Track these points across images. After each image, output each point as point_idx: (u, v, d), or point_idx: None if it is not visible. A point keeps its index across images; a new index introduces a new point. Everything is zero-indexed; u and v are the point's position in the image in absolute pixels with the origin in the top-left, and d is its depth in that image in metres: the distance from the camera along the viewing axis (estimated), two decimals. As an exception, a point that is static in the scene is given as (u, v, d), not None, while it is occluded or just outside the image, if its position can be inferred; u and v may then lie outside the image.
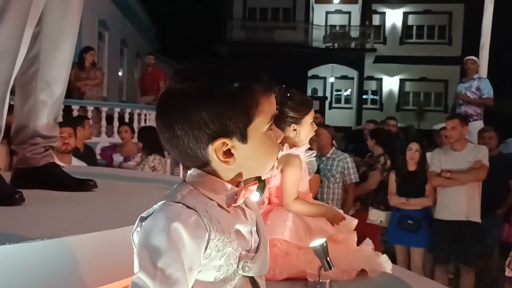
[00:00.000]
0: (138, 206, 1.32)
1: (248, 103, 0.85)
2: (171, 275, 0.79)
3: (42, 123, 1.91)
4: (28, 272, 1.06)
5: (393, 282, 1.86)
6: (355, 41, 20.47)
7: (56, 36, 1.86)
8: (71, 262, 1.14)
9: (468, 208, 4.24)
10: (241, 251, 0.88)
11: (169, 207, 0.83)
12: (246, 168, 0.90)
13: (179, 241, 0.80)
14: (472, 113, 6.29)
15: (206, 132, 0.84)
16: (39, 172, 1.89)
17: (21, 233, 1.14)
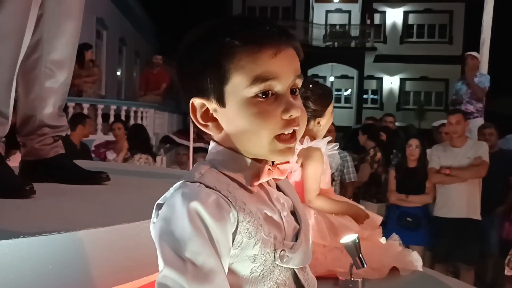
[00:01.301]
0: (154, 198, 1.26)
1: (222, 58, 0.74)
2: (204, 264, 0.67)
3: (49, 112, 1.81)
4: (43, 267, 0.99)
5: (429, 281, 1.78)
6: (355, 40, 20.44)
7: (59, 19, 1.76)
8: (88, 257, 1.06)
9: (468, 206, 4.17)
10: (275, 238, 0.76)
11: (185, 188, 0.73)
12: (240, 142, 0.77)
13: (202, 224, 0.69)
14: (472, 110, 6.21)
15: (188, 91, 0.78)
16: (48, 164, 1.80)
17: (34, 226, 1.07)
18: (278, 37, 0.75)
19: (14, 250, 0.94)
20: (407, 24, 21.57)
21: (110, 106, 8.01)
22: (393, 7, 21.45)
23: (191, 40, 0.79)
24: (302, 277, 0.80)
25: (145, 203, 1.40)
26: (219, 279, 0.69)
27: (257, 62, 0.73)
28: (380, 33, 21.16)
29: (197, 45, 0.77)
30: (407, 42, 21.37)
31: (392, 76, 21.46)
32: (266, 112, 0.74)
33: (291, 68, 0.77)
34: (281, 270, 0.77)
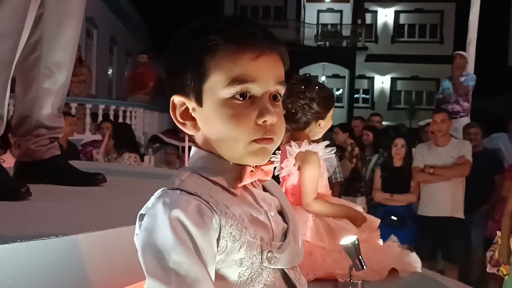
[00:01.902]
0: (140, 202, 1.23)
1: (203, 56, 0.73)
2: (188, 274, 0.66)
3: (46, 113, 1.79)
4: (41, 271, 0.98)
5: (428, 283, 1.79)
6: (346, 40, 20.50)
7: (60, 19, 1.73)
8: (86, 261, 1.05)
9: (452, 204, 4.20)
10: (261, 240, 0.74)
11: (166, 196, 0.72)
12: (216, 144, 0.76)
13: (185, 233, 0.68)
14: (459, 109, 6.26)
15: (170, 89, 0.78)
16: (44, 165, 1.77)
17: (32, 230, 1.05)
18: (263, 40, 0.74)
19: (11, 255, 0.93)
20: (398, 23, 21.66)
21: (99, 106, 7.98)
22: (384, 7, 21.54)
23: (178, 38, 0.79)
24: (293, 276, 0.79)
25: (143, 206, 1.44)
26: (204, 287, 0.67)
27: (237, 62, 0.72)
28: (371, 32, 21.23)
29: (183, 42, 0.77)
30: (398, 42, 21.46)
31: (383, 75, 21.54)
32: (240, 114, 0.73)
33: (272, 74, 0.75)
34: (270, 272, 0.75)
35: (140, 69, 8.61)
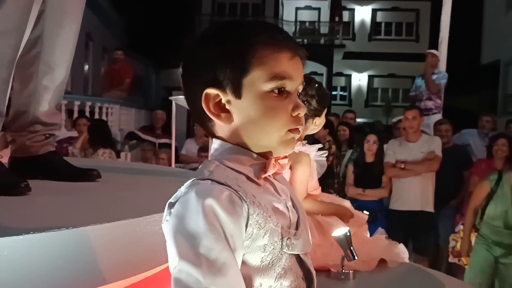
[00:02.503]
0: (148, 196, 1.34)
1: (244, 52, 0.78)
2: (217, 259, 0.71)
3: (43, 109, 1.79)
4: (53, 262, 1.01)
5: (415, 272, 1.86)
6: (324, 37, 20.62)
7: (60, 17, 1.74)
8: (95, 251, 1.08)
9: (422, 198, 4.32)
10: (281, 227, 0.80)
11: (197, 186, 0.76)
12: (250, 134, 0.81)
13: (216, 220, 0.72)
14: (431, 106, 6.40)
15: (200, 81, 0.81)
16: (38, 161, 1.78)
17: (41, 222, 1.07)
18: (294, 44, 0.83)
19: (25, 246, 0.95)
20: (375, 22, 21.90)
21: (74, 102, 7.89)
22: (362, 5, 21.75)
23: (207, 34, 0.83)
24: (307, 261, 0.85)
25: (140, 200, 1.47)
26: (232, 272, 0.72)
27: (278, 60, 0.79)
28: (349, 30, 21.42)
29: (215, 38, 0.82)
30: (375, 40, 21.70)
31: (361, 73, 21.78)
32: (278, 107, 0.80)
33: (300, 73, 0.83)
34: (287, 257, 0.81)
35: (116, 65, 8.55)
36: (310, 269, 0.86)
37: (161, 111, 7.38)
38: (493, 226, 3.67)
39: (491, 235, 3.67)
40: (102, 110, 8.26)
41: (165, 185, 1.84)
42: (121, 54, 8.57)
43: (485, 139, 5.47)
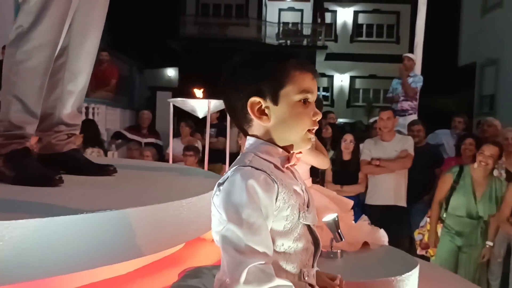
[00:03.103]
0: (162, 187, 1.69)
1: (280, 72, 1.08)
2: (255, 222, 0.98)
3: (67, 112, 1.99)
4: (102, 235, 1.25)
5: (393, 253, 2.12)
6: (307, 39, 20.87)
7: (84, 30, 1.94)
8: (130, 229, 1.32)
9: (395, 194, 4.60)
10: (299, 204, 1.08)
11: (242, 170, 1.03)
12: (281, 131, 1.10)
13: (255, 195, 0.99)
14: (407, 108, 6.71)
15: (245, 91, 1.08)
16: (62, 158, 1.97)
17: (83, 207, 1.27)
18: (314, 69, 1.14)
19: (79, 224, 1.19)
20: (357, 23, 22.25)
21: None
22: (344, 7, 22.10)
23: (249, 58, 1.14)
24: (315, 231, 1.14)
25: (158, 190, 1.75)
26: (264, 233, 1.01)
27: (304, 80, 1.09)
28: (331, 32, 21.72)
29: (258, 61, 1.12)
30: (357, 41, 22.06)
31: (343, 74, 22.12)
32: (303, 113, 1.09)
33: (316, 89, 1.13)
34: (302, 226, 1.09)
35: (101, 66, 8.67)
36: (317, 237, 1.15)
37: (147, 111, 7.55)
38: (456, 217, 3.97)
39: (455, 226, 3.97)
40: (88, 110, 8.39)
41: (172, 178, 2.12)
42: (106, 55, 8.69)
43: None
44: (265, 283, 0.97)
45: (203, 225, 1.67)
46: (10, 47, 1.76)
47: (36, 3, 1.71)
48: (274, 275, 0.99)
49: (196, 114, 2.85)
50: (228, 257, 0.99)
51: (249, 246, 0.97)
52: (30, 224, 1.10)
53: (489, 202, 3.91)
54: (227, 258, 1.00)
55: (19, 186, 1.61)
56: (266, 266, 0.98)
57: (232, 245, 0.98)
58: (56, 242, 1.15)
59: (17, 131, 1.77)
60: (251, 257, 0.97)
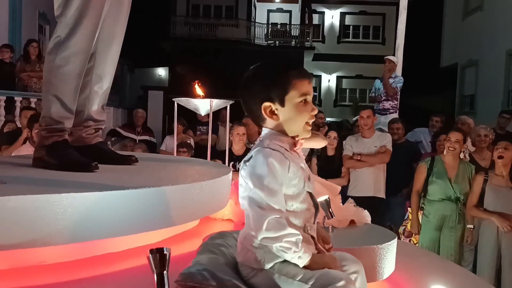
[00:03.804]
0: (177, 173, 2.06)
1: (285, 80, 1.40)
2: (273, 188, 1.34)
3: (94, 109, 2.27)
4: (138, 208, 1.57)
5: (375, 229, 2.45)
6: (295, 39, 21.17)
7: (109, 38, 2.21)
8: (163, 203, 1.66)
9: (375, 186, 4.98)
10: (304, 176, 1.42)
11: (263, 151, 1.38)
12: (288, 125, 1.43)
13: (274, 168, 1.34)
14: (388, 107, 7.08)
15: (259, 98, 1.42)
16: (91, 149, 2.23)
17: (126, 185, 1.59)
18: (310, 74, 1.45)
19: (125, 197, 1.53)
20: (344, 25, 22.60)
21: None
22: (331, 8, 22.45)
23: (262, 70, 1.45)
24: (315, 198, 1.47)
25: (175, 175, 2.11)
26: (280, 195, 1.36)
27: (303, 85, 1.41)
28: (318, 33, 22.05)
29: (267, 73, 1.43)
30: (344, 42, 22.42)
31: (330, 74, 22.46)
32: (304, 110, 1.42)
33: (312, 90, 1.46)
34: (306, 192, 1.43)
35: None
36: (317, 202, 1.49)
37: (142, 110, 7.80)
38: (436, 201, 4.34)
39: (434, 211, 4.33)
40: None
41: (186, 166, 2.49)
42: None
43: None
44: (280, 231, 1.32)
45: (217, 203, 2.03)
46: (50, 54, 2.04)
47: (72, 16, 2.00)
48: (287, 225, 1.34)
49: (198, 112, 3.16)
50: (253, 213, 1.34)
51: (269, 204, 1.32)
52: (90, 196, 1.43)
53: (463, 182, 4.30)
54: (252, 214, 1.35)
55: (63, 172, 1.86)
56: (281, 219, 1.33)
57: (256, 204, 1.33)
58: (108, 211, 1.47)
59: (57, 126, 2.05)
60: (270, 212, 1.32)
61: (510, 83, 12.03)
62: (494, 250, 3.94)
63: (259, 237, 1.33)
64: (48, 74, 2.06)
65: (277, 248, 1.33)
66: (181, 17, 20.31)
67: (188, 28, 20.09)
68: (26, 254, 1.48)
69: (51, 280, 1.42)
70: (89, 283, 1.43)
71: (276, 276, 1.35)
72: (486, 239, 4.01)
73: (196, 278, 1.34)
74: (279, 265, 1.36)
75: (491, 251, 3.96)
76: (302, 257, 1.35)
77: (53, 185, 1.54)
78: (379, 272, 1.95)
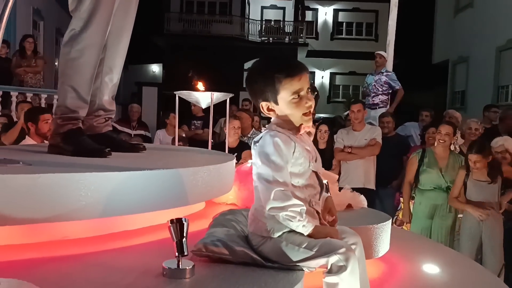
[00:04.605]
0: (191, 158, 2.21)
1: (276, 83, 1.53)
2: (278, 164, 1.48)
3: (105, 99, 2.38)
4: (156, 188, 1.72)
5: (371, 212, 2.60)
6: (289, 36, 21.30)
7: (119, 32, 2.31)
8: (178, 184, 1.82)
9: (365, 177, 5.14)
10: (309, 156, 1.56)
11: (271, 132, 1.53)
12: (287, 118, 1.56)
13: (279, 147, 1.48)
14: (378, 102, 7.25)
15: (257, 97, 1.58)
16: (102, 137, 2.33)
17: (141, 167, 1.73)
18: (304, 69, 1.56)
19: (144, 178, 1.68)
20: (337, 21, 22.73)
21: (53, 96, 8.30)
22: (324, 5, 22.58)
23: (256, 73, 1.58)
24: (320, 176, 1.62)
25: (188, 160, 2.25)
26: (285, 171, 1.50)
27: (293, 84, 1.52)
28: (312, 29, 22.18)
29: (260, 77, 1.55)
30: (337, 39, 22.55)
31: (323, 70, 22.60)
32: (298, 104, 1.53)
33: (307, 83, 1.56)
34: (311, 171, 1.56)
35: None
36: (321, 180, 1.63)
37: (137, 105, 7.91)
38: (427, 191, 4.52)
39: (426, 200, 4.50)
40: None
41: (193, 154, 2.66)
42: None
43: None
44: (286, 201, 1.47)
45: (224, 186, 2.18)
46: (66, 47, 2.13)
47: (85, 11, 2.10)
48: (292, 196, 1.48)
49: (199, 105, 3.28)
50: (262, 186, 1.50)
51: (275, 178, 1.47)
52: (111, 176, 1.58)
53: (453, 171, 4.48)
54: (261, 187, 1.51)
55: (78, 158, 1.99)
56: (286, 191, 1.48)
57: (264, 178, 1.49)
58: (127, 190, 1.62)
59: (72, 114, 2.16)
60: (276, 185, 1.47)
61: (500, 79, 12.23)
62: (476, 237, 4.11)
63: (267, 207, 1.48)
64: (64, 66, 2.17)
65: (283, 217, 1.48)
66: (175, 13, 20.37)
67: (182, 24, 20.15)
68: (51, 229, 1.63)
69: (74, 252, 1.57)
70: (108, 255, 1.57)
71: (283, 244, 1.49)
72: (468, 227, 4.18)
73: (210, 248, 1.50)
74: (286, 234, 1.51)
75: (472, 238, 4.13)
76: (306, 226, 1.49)
77: (73, 167, 1.67)
78: (375, 250, 2.09)
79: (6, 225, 1.41)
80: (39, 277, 1.25)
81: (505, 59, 12.01)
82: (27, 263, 1.43)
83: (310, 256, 1.46)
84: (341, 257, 1.41)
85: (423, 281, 2.18)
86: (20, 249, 1.55)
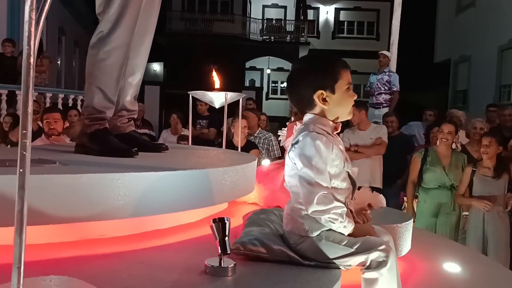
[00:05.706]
0: (207, 160, 2.21)
1: (335, 71, 1.60)
2: (320, 167, 1.52)
3: (128, 100, 2.39)
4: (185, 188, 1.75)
5: (392, 211, 2.63)
6: (290, 35, 21.33)
7: (143, 33, 2.32)
8: (206, 184, 1.85)
9: (371, 176, 5.16)
10: (344, 157, 1.60)
11: (310, 134, 1.55)
12: (336, 109, 1.61)
13: (320, 150, 1.51)
14: (382, 101, 7.29)
15: (313, 86, 1.61)
16: (125, 137, 2.33)
17: (171, 167, 1.76)
18: (349, 65, 1.65)
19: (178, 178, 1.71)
20: (338, 20, 22.78)
21: (58, 95, 8.34)
22: (325, 4, 22.61)
23: (312, 60, 1.73)
24: (353, 177, 1.66)
25: (212, 161, 2.29)
26: (326, 174, 1.53)
27: (348, 74, 1.61)
28: (313, 28, 22.21)
29: (319, 64, 1.63)
30: (338, 38, 22.60)
31: (325, 69, 22.60)
32: (350, 95, 1.62)
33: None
34: (345, 172, 1.61)
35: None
36: (354, 180, 1.68)
37: (141, 104, 7.91)
38: (431, 189, 4.56)
39: (431, 199, 4.54)
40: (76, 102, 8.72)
41: (215, 154, 2.67)
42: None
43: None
44: (328, 204, 1.51)
45: (249, 186, 2.21)
46: (93, 48, 2.16)
47: (113, 13, 2.11)
48: (334, 199, 1.52)
49: (213, 105, 3.28)
50: (304, 189, 1.53)
51: (317, 182, 1.51)
52: (148, 176, 1.62)
53: (456, 169, 4.54)
54: (303, 190, 1.54)
55: (108, 158, 2.00)
56: (328, 194, 1.52)
57: (306, 181, 1.52)
58: (163, 189, 1.66)
59: (99, 115, 2.18)
60: (319, 188, 1.51)
61: (502, 79, 12.26)
62: (481, 235, 4.16)
63: (310, 210, 1.52)
64: (91, 67, 2.19)
65: (326, 219, 1.53)
66: (177, 12, 20.38)
67: (183, 23, 20.16)
68: (88, 228, 1.68)
69: (115, 250, 1.62)
70: (148, 253, 1.62)
71: (322, 242, 1.55)
72: (473, 225, 4.23)
73: (248, 246, 1.54)
74: (325, 232, 1.56)
75: (478, 236, 4.17)
76: (347, 226, 1.54)
77: (108, 167, 1.71)
78: (399, 249, 2.12)
79: (49, 224, 1.44)
80: (87, 274, 1.29)
81: (507, 58, 12.04)
82: (73, 261, 1.47)
83: (350, 253, 1.51)
84: (381, 253, 1.47)
85: (445, 280, 2.21)
86: (62, 247, 1.58)
